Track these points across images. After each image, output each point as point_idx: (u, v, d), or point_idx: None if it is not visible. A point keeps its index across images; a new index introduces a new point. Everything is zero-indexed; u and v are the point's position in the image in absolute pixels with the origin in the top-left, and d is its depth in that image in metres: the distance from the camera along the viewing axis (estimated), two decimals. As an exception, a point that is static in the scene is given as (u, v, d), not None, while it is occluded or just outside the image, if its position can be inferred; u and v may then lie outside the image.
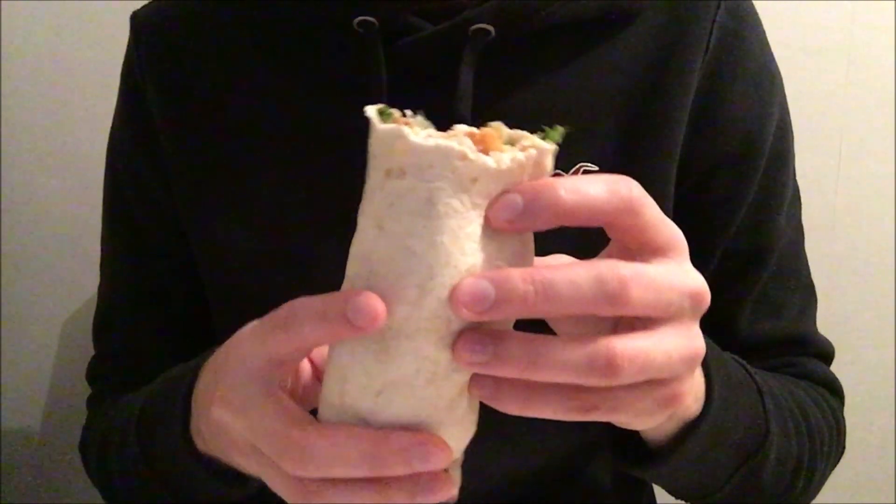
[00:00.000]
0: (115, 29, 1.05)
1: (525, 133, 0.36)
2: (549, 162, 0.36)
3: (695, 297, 0.37)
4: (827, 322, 0.71)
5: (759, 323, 0.65)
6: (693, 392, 0.47)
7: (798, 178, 0.69)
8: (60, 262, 1.14)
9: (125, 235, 0.70)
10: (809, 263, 0.70)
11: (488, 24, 0.56)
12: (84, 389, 0.76)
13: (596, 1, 0.58)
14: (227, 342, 0.41)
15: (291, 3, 0.61)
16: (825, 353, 0.70)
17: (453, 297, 0.33)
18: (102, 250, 0.74)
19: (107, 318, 0.73)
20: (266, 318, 0.37)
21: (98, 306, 0.74)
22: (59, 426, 1.19)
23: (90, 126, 1.09)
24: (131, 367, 0.69)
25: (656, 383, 0.37)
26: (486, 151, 0.34)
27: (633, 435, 0.52)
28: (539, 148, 0.35)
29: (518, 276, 0.33)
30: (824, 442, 0.62)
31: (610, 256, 0.38)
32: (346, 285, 0.35)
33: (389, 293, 0.34)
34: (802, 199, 0.70)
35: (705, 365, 0.49)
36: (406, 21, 0.58)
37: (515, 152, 0.35)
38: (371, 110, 0.35)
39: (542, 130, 0.36)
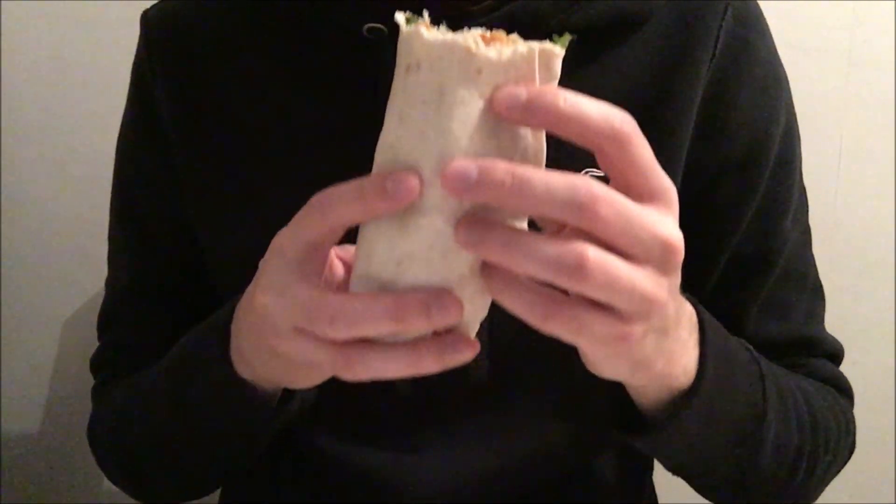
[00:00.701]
0: (114, 29, 1.05)
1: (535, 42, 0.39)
2: (557, 66, 0.39)
3: (666, 246, 0.39)
4: (827, 322, 0.71)
5: (766, 325, 0.65)
6: (677, 362, 0.47)
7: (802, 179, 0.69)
8: (60, 262, 1.14)
9: (133, 230, 0.71)
10: (810, 264, 0.70)
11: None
12: (84, 389, 0.76)
13: (604, 8, 0.58)
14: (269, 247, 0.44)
15: (301, 8, 0.61)
16: (834, 354, 0.70)
17: (442, 174, 0.36)
18: (110, 243, 0.74)
19: (114, 309, 0.74)
20: (300, 210, 0.41)
21: (105, 297, 0.75)
22: (59, 426, 1.19)
23: (91, 126, 1.09)
24: (138, 357, 0.69)
25: (613, 315, 0.38)
26: None
27: (633, 407, 0.54)
28: (546, 50, 0.38)
29: (501, 167, 0.36)
30: (830, 437, 0.62)
31: None
32: (374, 172, 0.39)
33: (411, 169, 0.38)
34: (802, 200, 0.70)
35: (702, 341, 0.50)
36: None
37: (517, 46, 0.37)
38: (400, 16, 0.39)
39: (551, 40, 0.39)
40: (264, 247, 0.44)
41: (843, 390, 0.68)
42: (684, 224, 0.62)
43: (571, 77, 0.60)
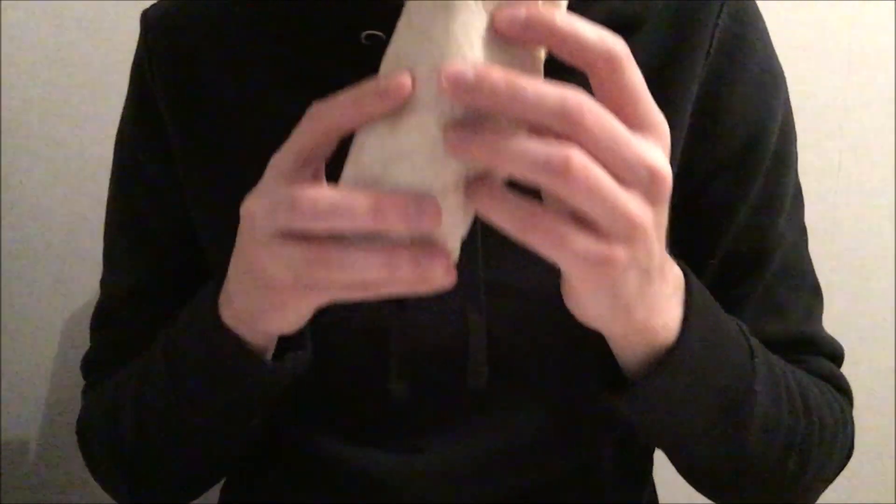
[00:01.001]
0: (115, 29, 1.06)
1: None
2: None
3: (652, 173, 0.39)
4: (827, 322, 0.71)
5: (762, 325, 0.64)
6: (658, 314, 0.48)
7: (798, 177, 0.69)
8: (60, 262, 1.14)
9: (131, 229, 0.71)
10: (810, 263, 0.70)
11: None
12: (84, 389, 0.76)
13: (602, 10, 0.58)
14: None
15: (300, 14, 0.61)
16: (833, 354, 0.69)
17: (440, 72, 0.37)
18: (106, 242, 0.74)
19: (109, 309, 0.73)
20: (309, 113, 0.42)
21: (101, 297, 0.74)
22: (59, 426, 1.19)
23: (91, 126, 1.09)
24: (131, 357, 0.69)
25: (594, 234, 0.39)
26: None
27: (617, 369, 0.54)
28: None
29: (497, 73, 0.37)
30: (826, 431, 0.61)
31: None
32: None
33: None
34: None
35: (687, 303, 0.50)
36: None
37: None
38: None
39: None
40: None
41: (843, 390, 0.68)
42: (678, 222, 0.62)
43: (572, 78, 0.60)
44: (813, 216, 0.70)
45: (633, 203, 0.39)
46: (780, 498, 0.62)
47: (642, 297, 0.45)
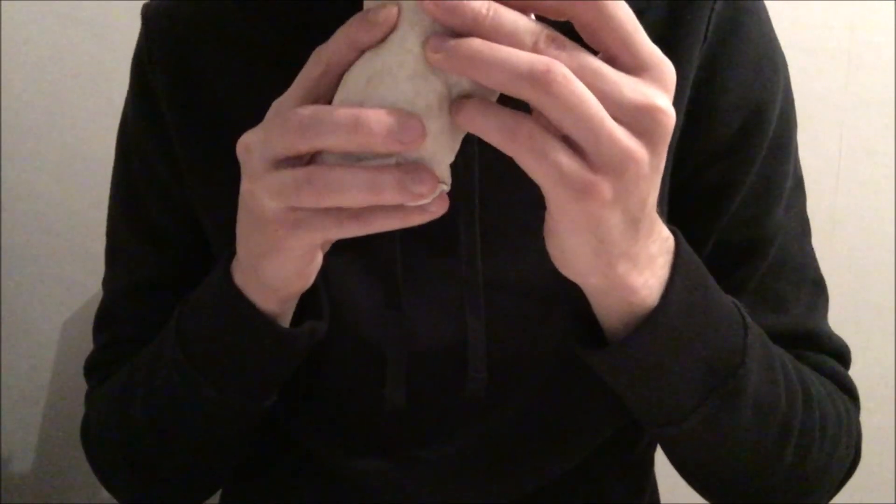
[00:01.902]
0: (115, 28, 1.06)
1: None
2: None
3: (647, 110, 0.39)
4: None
5: (760, 317, 0.62)
6: (640, 272, 0.47)
7: (800, 168, 0.67)
8: (60, 262, 1.14)
9: (136, 225, 0.70)
10: (810, 262, 0.69)
11: None
12: (84, 389, 0.76)
13: None
14: None
15: (299, 7, 0.61)
16: (839, 352, 0.66)
17: None
18: (110, 240, 0.73)
19: (112, 308, 0.73)
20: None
21: (103, 298, 0.74)
22: (59, 426, 1.19)
23: (90, 126, 1.09)
24: (134, 355, 0.68)
25: (579, 156, 0.39)
26: None
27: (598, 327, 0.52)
28: None
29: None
30: (827, 426, 0.59)
31: None
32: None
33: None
34: (802, 199, 0.69)
35: (673, 266, 0.49)
36: None
37: None
38: None
39: None
40: None
41: (847, 390, 0.65)
42: (673, 207, 0.60)
43: None
44: (813, 216, 0.70)
45: (620, 132, 0.38)
46: (781, 497, 0.60)
47: (626, 249, 0.44)
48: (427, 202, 0.41)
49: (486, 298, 0.60)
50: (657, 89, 0.39)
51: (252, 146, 0.45)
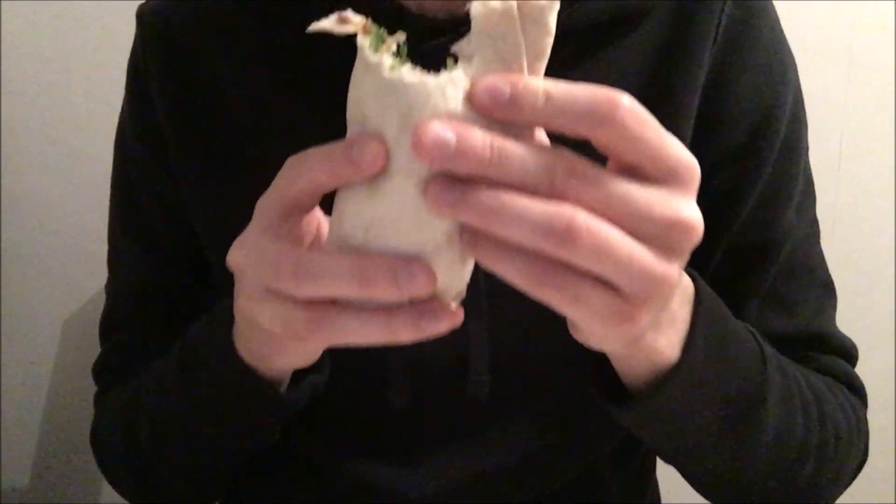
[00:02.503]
0: (114, 29, 1.06)
1: None
2: (551, 21, 0.36)
3: (674, 225, 0.36)
4: (827, 322, 0.70)
5: (770, 320, 0.63)
6: (663, 333, 0.46)
7: (810, 169, 0.67)
8: (60, 262, 1.14)
9: (134, 230, 0.70)
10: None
11: None
12: (84, 389, 0.76)
13: (604, 6, 0.57)
14: None
15: (297, 10, 0.60)
16: (847, 352, 0.67)
17: (415, 134, 0.33)
18: (111, 245, 0.73)
19: (116, 313, 0.73)
20: (289, 164, 0.40)
21: (107, 302, 0.74)
22: (59, 426, 1.19)
23: (90, 126, 1.09)
24: (141, 361, 0.68)
25: (612, 290, 0.36)
26: None
27: (618, 380, 0.52)
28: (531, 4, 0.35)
29: (479, 137, 0.33)
30: (840, 435, 0.60)
31: None
32: (349, 130, 0.37)
33: (376, 132, 0.36)
34: (802, 199, 0.69)
35: (693, 318, 0.48)
36: (414, 31, 0.57)
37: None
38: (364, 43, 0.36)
39: None
40: None
41: (856, 390, 0.65)
42: None
43: (571, 74, 0.60)
44: (813, 216, 0.70)
45: (650, 260, 0.36)
46: (795, 501, 0.60)
47: (652, 327, 0.42)
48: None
49: (488, 301, 0.60)
50: (684, 196, 0.37)
51: (244, 270, 0.42)
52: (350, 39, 0.57)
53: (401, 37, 0.37)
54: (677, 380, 0.48)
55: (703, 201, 0.61)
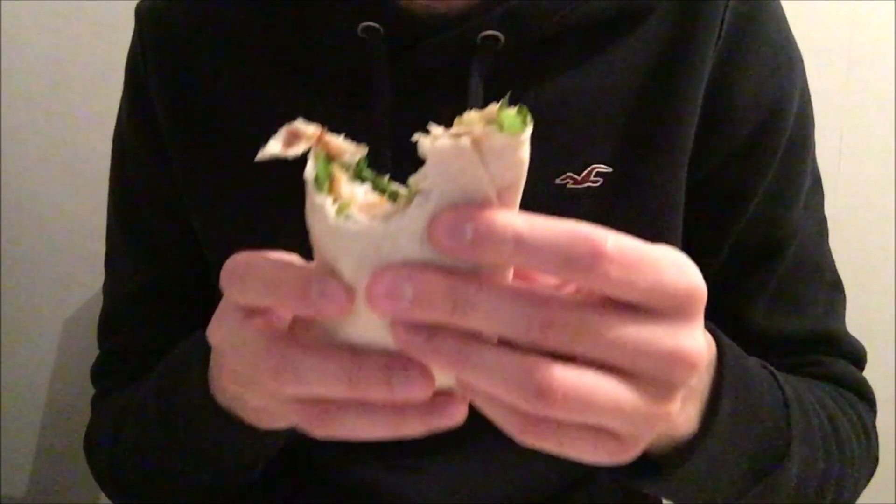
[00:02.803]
0: (114, 29, 1.06)
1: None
2: (521, 154, 0.31)
3: (678, 363, 0.32)
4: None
5: (778, 319, 0.62)
6: (682, 411, 0.44)
7: (817, 167, 0.67)
8: (60, 262, 1.14)
9: (133, 231, 0.70)
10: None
11: (497, 30, 0.55)
12: (84, 389, 0.76)
13: (607, 2, 0.57)
14: None
15: (295, 6, 0.60)
16: (855, 355, 0.66)
17: (367, 287, 0.31)
18: (108, 247, 0.73)
19: (114, 315, 0.73)
20: (231, 264, 0.36)
21: (104, 304, 0.74)
22: (59, 426, 1.19)
23: (90, 126, 1.09)
24: (139, 364, 0.68)
25: (604, 432, 0.33)
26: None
27: None
28: (488, 135, 0.30)
29: (439, 286, 0.30)
30: (854, 456, 0.59)
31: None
32: (314, 252, 0.34)
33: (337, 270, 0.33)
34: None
35: (718, 382, 0.46)
36: (412, 28, 0.57)
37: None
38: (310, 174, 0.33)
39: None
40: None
41: (864, 396, 0.65)
42: (690, 209, 0.56)
43: (575, 72, 0.60)
44: (813, 216, 0.69)
45: (643, 403, 0.32)
46: None
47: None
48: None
49: None
50: (687, 326, 0.33)
51: (222, 351, 0.38)
52: (352, 29, 0.57)
53: (357, 153, 0.34)
54: (703, 450, 0.46)
55: (711, 197, 0.61)
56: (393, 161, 0.56)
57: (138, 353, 0.69)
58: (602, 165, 0.58)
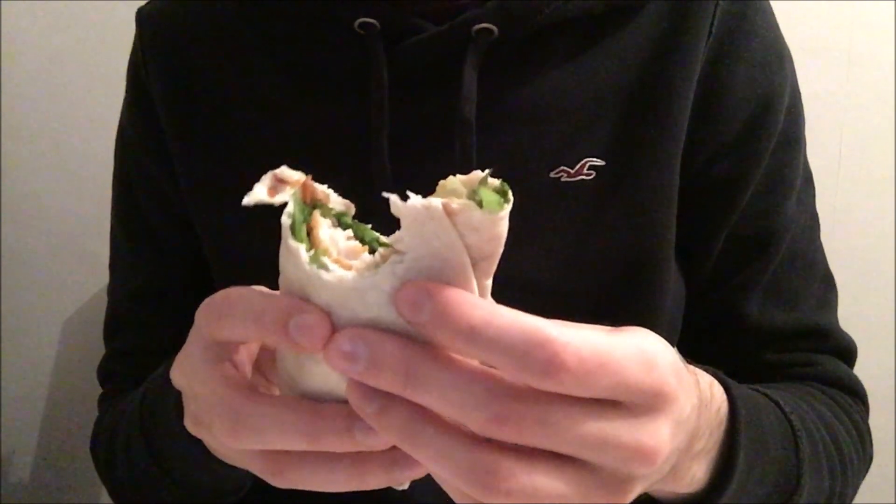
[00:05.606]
0: (114, 29, 1.06)
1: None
2: (499, 230, 0.31)
3: (637, 458, 0.31)
4: (827, 322, 0.70)
5: (771, 313, 0.63)
6: (687, 472, 0.42)
7: (808, 163, 0.67)
8: (60, 262, 1.14)
9: (135, 232, 0.70)
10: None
11: (491, 23, 0.55)
12: (84, 389, 0.76)
13: None
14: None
15: (293, 4, 0.61)
16: (847, 350, 0.67)
17: (328, 346, 0.30)
18: (112, 248, 0.73)
19: (118, 316, 0.73)
20: (209, 300, 0.35)
21: (109, 305, 0.74)
22: (59, 426, 1.19)
23: (90, 126, 1.09)
24: (144, 365, 0.68)
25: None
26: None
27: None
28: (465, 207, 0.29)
29: (394, 357, 0.29)
30: (854, 466, 0.60)
31: None
32: (281, 287, 0.34)
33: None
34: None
35: (733, 438, 0.45)
36: (408, 22, 0.57)
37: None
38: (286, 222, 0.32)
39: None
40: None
41: (857, 394, 0.65)
42: (683, 204, 0.57)
43: (568, 66, 0.60)
44: (813, 216, 0.70)
45: (597, 496, 0.32)
46: None
47: (672, 477, 0.39)
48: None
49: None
50: (652, 419, 0.32)
51: (186, 394, 0.38)
52: (349, 25, 0.57)
53: (339, 204, 0.34)
54: (719, 501, 0.45)
55: (703, 191, 0.62)
56: (391, 159, 0.56)
57: (142, 352, 0.69)
58: (595, 159, 0.58)
